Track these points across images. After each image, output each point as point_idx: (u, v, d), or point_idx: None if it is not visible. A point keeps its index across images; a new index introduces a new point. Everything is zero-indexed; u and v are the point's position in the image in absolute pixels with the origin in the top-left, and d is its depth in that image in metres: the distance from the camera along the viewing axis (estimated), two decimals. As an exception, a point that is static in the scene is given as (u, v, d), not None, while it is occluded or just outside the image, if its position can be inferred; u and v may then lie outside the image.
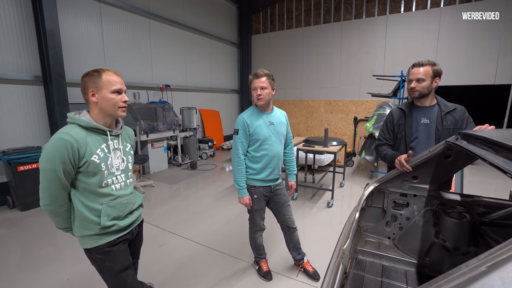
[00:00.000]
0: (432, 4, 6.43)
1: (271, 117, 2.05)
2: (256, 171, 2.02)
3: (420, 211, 1.71)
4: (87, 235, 1.23)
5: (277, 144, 2.05)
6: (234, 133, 1.98)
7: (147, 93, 5.97)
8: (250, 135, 1.96)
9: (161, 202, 4.06)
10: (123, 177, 1.33)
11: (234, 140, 2.00)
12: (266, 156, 2.00)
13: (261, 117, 1.99)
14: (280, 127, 2.08)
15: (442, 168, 1.59)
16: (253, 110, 2.02)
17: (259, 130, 1.96)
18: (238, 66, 9.28)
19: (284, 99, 8.73)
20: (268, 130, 1.99)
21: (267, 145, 1.99)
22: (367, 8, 7.14)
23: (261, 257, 2.35)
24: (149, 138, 5.31)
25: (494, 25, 5.93)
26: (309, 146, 4.13)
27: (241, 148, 1.97)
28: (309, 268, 2.33)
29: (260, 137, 1.96)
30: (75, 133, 1.14)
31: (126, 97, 1.30)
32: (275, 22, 8.60)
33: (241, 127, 1.95)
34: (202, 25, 7.49)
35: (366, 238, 1.87)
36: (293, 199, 4.11)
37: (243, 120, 1.95)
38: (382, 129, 2.17)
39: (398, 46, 6.85)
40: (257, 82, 1.92)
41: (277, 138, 2.05)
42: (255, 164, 2.01)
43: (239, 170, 1.99)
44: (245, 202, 2.03)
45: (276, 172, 2.10)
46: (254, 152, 2.00)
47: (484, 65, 6.12)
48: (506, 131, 1.31)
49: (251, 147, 2.00)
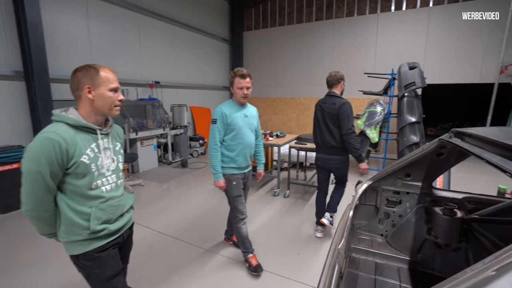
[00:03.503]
0: (421, 3, 6.51)
1: (246, 111, 2.27)
2: (231, 158, 2.22)
3: (413, 208, 1.72)
4: (74, 240, 1.15)
5: (250, 134, 2.27)
6: (212, 122, 2.16)
7: (136, 90, 5.83)
8: (227, 125, 2.15)
9: (151, 202, 3.98)
10: (114, 177, 1.26)
11: (212, 129, 2.17)
12: (240, 145, 2.21)
13: (237, 110, 2.21)
14: (253, 120, 2.32)
15: (434, 166, 1.59)
16: (231, 103, 2.23)
17: (235, 121, 2.16)
18: (230, 63, 9.18)
19: (276, 96, 8.71)
20: (243, 122, 2.21)
21: (242, 135, 2.20)
22: (358, 6, 7.18)
23: (249, 252, 2.39)
24: (139, 136, 5.19)
25: (480, 26, 6.06)
26: (301, 144, 4.13)
27: (218, 136, 2.16)
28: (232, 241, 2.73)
29: (236, 127, 2.17)
30: (63, 132, 1.06)
31: (122, 95, 1.24)
32: (267, 19, 8.54)
33: (220, 117, 2.14)
34: (193, 21, 7.36)
35: (359, 235, 1.87)
36: (282, 196, 4.14)
37: (221, 110, 2.14)
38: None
39: (388, 44, 6.92)
40: (244, 82, 2.13)
41: (250, 129, 2.28)
42: (231, 152, 2.21)
43: (215, 156, 2.17)
44: (221, 185, 2.22)
45: (248, 160, 2.33)
46: (230, 141, 2.19)
47: (471, 64, 6.26)
48: (497, 129, 1.32)
49: (227, 136, 2.19)
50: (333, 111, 2.60)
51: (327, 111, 2.65)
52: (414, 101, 4.38)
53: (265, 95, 8.92)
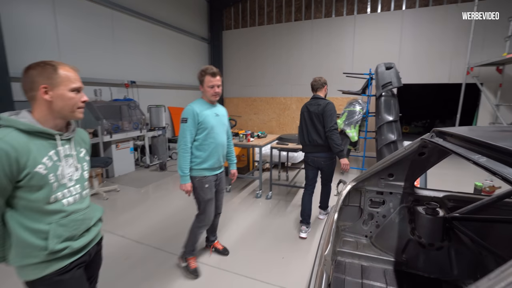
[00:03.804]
0: (395, 6, 6.74)
1: (217, 110, 2.22)
2: (203, 159, 2.14)
3: (396, 208, 1.72)
4: (29, 264, 0.99)
5: (222, 133, 2.23)
6: (183, 122, 2.07)
7: (110, 89, 5.52)
8: (199, 124, 2.08)
9: (127, 208, 3.76)
10: (78, 188, 1.11)
11: (182, 129, 2.08)
12: (213, 144, 2.15)
13: (208, 109, 2.15)
14: (224, 119, 2.29)
15: (416, 165, 1.60)
16: (201, 102, 2.17)
17: (207, 119, 2.10)
18: (209, 62, 9.00)
19: (256, 96, 8.66)
20: (215, 120, 2.16)
21: (214, 134, 2.14)
22: (336, 7, 7.30)
23: (193, 253, 2.35)
24: (113, 138, 4.91)
25: (448, 30, 6.38)
26: (283, 144, 4.10)
27: (189, 136, 2.07)
28: (219, 246, 2.63)
29: (208, 126, 2.11)
30: (12, 139, 0.91)
31: (86, 96, 1.10)
32: (247, 18, 8.47)
33: (191, 115, 2.06)
34: (171, 19, 7.12)
35: (344, 237, 1.85)
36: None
37: (192, 109, 2.07)
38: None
39: (365, 45, 7.10)
40: (215, 81, 2.09)
41: (222, 128, 2.24)
42: (202, 152, 2.13)
43: (185, 157, 2.08)
44: (187, 189, 2.13)
45: (221, 160, 2.27)
46: (202, 140, 2.12)
47: (440, 66, 6.57)
48: (476, 128, 1.34)
49: (199, 135, 2.11)
50: (319, 111, 2.83)
51: (313, 111, 2.88)
52: (391, 100, 4.50)
53: (245, 95, 8.84)
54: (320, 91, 2.97)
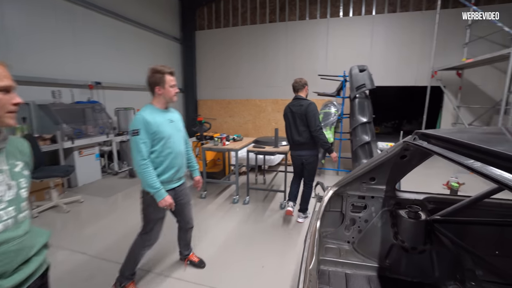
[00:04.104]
0: (366, 11, 6.98)
1: (170, 115, 2.00)
2: (159, 172, 1.91)
3: (378, 212, 1.68)
4: None
5: (180, 141, 2.03)
6: (134, 134, 1.80)
7: (71, 91, 5.06)
8: (154, 134, 1.84)
9: (91, 221, 3.43)
10: (12, 211, 0.89)
11: (134, 142, 1.81)
12: (171, 154, 1.94)
13: (161, 115, 1.92)
14: (179, 125, 2.08)
15: (397, 168, 1.56)
16: (152, 108, 1.91)
17: (162, 128, 1.88)
18: (182, 63, 8.69)
19: (231, 98, 8.51)
20: (171, 128, 1.95)
21: (171, 143, 1.94)
22: (310, 10, 7.39)
23: (132, 278, 2.13)
24: (75, 144, 4.49)
25: (414, 35, 6.73)
26: (259, 147, 4.00)
27: (145, 149, 1.82)
28: (195, 259, 2.44)
29: (164, 135, 1.89)
30: None
31: (18, 97, 0.90)
32: (220, 19, 8.30)
33: (142, 125, 1.80)
34: (141, 17, 6.75)
35: (326, 244, 1.77)
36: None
37: (143, 118, 1.81)
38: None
39: (338, 48, 7.26)
40: (173, 80, 1.92)
41: (179, 136, 2.04)
42: (160, 165, 1.91)
43: (148, 173, 1.82)
44: (168, 202, 1.89)
45: (181, 171, 2.08)
46: (159, 152, 1.90)
47: (408, 69, 6.91)
48: (458, 130, 1.33)
49: (154, 147, 1.88)
50: (301, 111, 2.97)
51: (296, 112, 3.03)
52: (365, 102, 4.60)
53: (220, 97, 8.65)
54: (301, 92, 3.14)
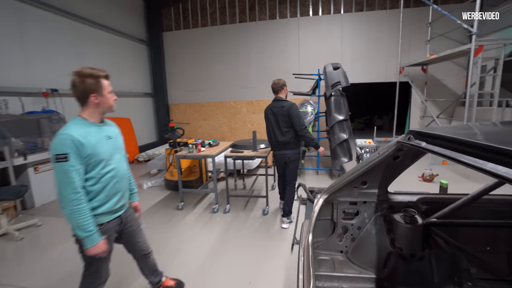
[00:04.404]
0: (334, 10, 7.07)
1: (107, 130, 1.61)
2: (100, 202, 1.53)
3: (371, 218, 1.56)
4: None
5: (122, 162, 1.68)
6: (60, 160, 1.37)
7: (21, 100, 4.49)
8: (88, 157, 1.44)
9: (50, 247, 3.01)
10: None
11: (62, 171, 1.38)
12: (114, 179, 1.58)
13: (96, 132, 1.52)
14: (119, 141, 1.71)
15: (390, 170, 1.46)
16: (82, 123, 1.48)
17: (99, 148, 1.49)
18: (150, 66, 8.23)
19: (204, 101, 8.22)
20: (109, 146, 1.57)
21: (113, 165, 1.58)
22: (280, 9, 7.34)
23: None
24: (29, 160, 3.97)
25: (381, 33, 6.93)
26: (238, 152, 3.80)
27: (77, 179, 1.40)
28: (170, 283, 2.15)
29: (103, 157, 1.51)
30: None
31: None
32: (189, 19, 7.98)
33: (72, 148, 1.38)
34: (101, 18, 6.24)
35: (319, 256, 1.63)
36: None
37: (72, 138, 1.38)
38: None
39: (310, 46, 7.28)
40: (110, 85, 1.56)
41: (121, 155, 1.69)
42: (98, 194, 1.52)
43: (81, 211, 1.40)
44: (102, 250, 1.50)
45: (126, 196, 1.75)
46: (97, 179, 1.50)
47: (377, 66, 7.10)
48: (455, 126, 1.24)
49: (90, 172, 1.48)
50: (284, 112, 3.03)
51: (278, 113, 3.07)
52: (341, 100, 4.59)
53: (192, 100, 8.32)
54: (280, 93, 3.17)
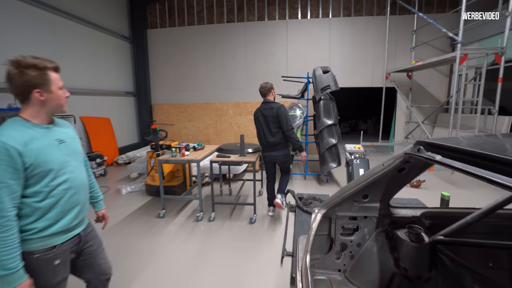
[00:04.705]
0: (323, 14, 7.05)
1: (57, 133, 1.32)
2: (52, 220, 1.24)
3: (372, 234, 1.43)
4: None
5: (79, 169, 1.39)
6: None
7: (-15, 96, 4.09)
8: (29, 169, 1.16)
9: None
10: None
11: None
12: (69, 191, 1.30)
13: (42, 136, 1.22)
14: (75, 144, 1.42)
15: (393, 182, 1.33)
16: (22, 126, 1.18)
17: (45, 157, 1.20)
18: (132, 64, 7.87)
19: (190, 101, 7.96)
20: (62, 152, 1.29)
21: (67, 175, 1.29)
22: (268, 11, 7.24)
23: None
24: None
25: (368, 38, 6.99)
26: (224, 156, 3.61)
27: (9, 200, 1.11)
28: None
29: (52, 166, 1.22)
30: None
31: None
32: (175, 17, 7.71)
33: (5, 160, 1.09)
34: (81, 12, 5.87)
35: (315, 276, 1.48)
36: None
37: (7, 147, 1.09)
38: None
39: (299, 49, 7.22)
40: (60, 80, 1.33)
41: (78, 161, 1.40)
42: (49, 211, 1.24)
43: (5, 240, 1.09)
44: None
45: (86, 208, 1.44)
46: (46, 194, 1.22)
47: (364, 71, 7.15)
48: (468, 137, 1.13)
49: (34, 186, 1.19)
50: (273, 114, 3.15)
51: (268, 115, 3.19)
52: (330, 104, 4.51)
53: (177, 100, 8.04)
54: (268, 96, 3.30)
